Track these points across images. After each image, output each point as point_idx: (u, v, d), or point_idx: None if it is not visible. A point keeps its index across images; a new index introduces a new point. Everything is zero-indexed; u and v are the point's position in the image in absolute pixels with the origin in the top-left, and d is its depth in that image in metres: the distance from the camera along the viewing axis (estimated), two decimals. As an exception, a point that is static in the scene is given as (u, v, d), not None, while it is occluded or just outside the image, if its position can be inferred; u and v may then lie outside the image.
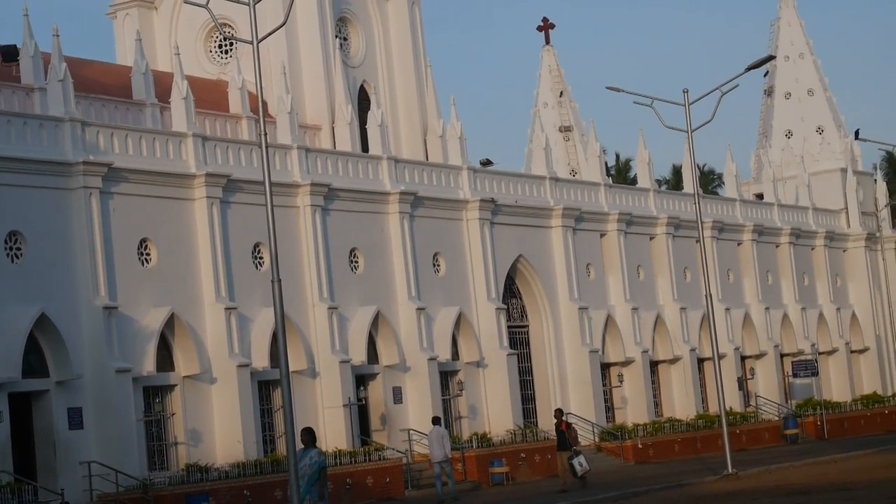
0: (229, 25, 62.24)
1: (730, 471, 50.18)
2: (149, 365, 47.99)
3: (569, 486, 47.90)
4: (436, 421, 54.46)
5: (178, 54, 58.06)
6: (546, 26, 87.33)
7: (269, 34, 37.24)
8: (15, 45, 54.55)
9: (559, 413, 51.16)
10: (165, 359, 49.12)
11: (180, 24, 65.99)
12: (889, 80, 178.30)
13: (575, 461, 47.30)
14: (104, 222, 47.27)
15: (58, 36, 50.77)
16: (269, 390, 51.39)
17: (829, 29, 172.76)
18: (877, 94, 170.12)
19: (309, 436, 32.66)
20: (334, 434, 52.79)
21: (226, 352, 50.10)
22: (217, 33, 65.03)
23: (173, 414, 49.42)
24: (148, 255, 49.00)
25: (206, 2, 40.02)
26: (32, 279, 45.28)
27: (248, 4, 36.74)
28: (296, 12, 54.63)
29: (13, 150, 45.22)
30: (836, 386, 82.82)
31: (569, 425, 50.12)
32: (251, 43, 36.33)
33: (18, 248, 45.22)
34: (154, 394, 48.95)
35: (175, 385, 49.45)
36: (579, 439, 50.37)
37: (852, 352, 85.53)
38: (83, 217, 46.87)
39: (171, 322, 48.95)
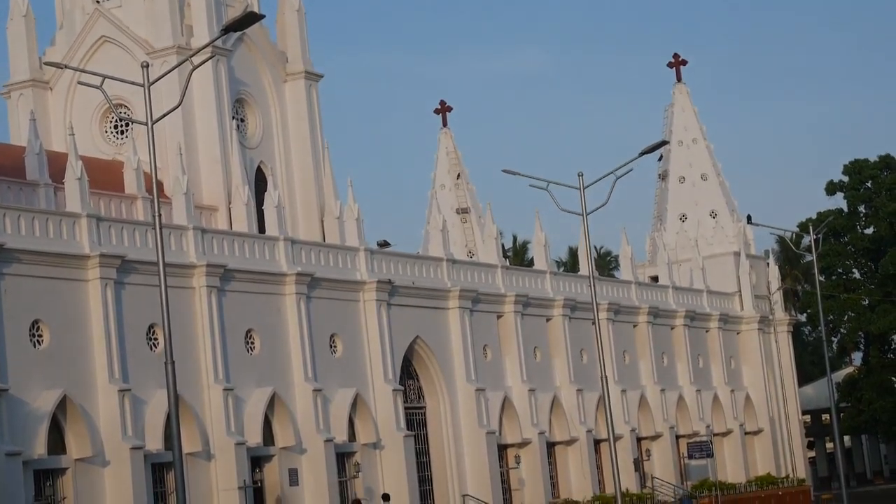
0: (125, 106, 62.29)
1: (625, 553, 50.34)
2: (40, 447, 47.58)
3: None
4: (385, 498, 57.93)
5: (73, 135, 57.82)
6: (443, 109, 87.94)
7: (165, 115, 37.25)
8: None
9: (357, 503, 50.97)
10: (57, 441, 48.71)
11: (75, 105, 65.88)
12: (782, 166, 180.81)
13: None
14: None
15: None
16: (163, 473, 50.99)
17: (723, 115, 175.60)
18: (769, 180, 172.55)
19: None
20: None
21: (119, 434, 49.73)
22: (112, 114, 64.92)
23: (64, 498, 48.93)
24: (40, 336, 48.65)
25: (100, 83, 40.00)
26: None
27: (142, 86, 36.78)
28: (192, 93, 54.74)
29: None
30: (730, 467, 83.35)
31: None
32: (146, 124, 36.37)
33: None
34: (45, 477, 48.46)
35: (67, 468, 49.00)
36: None
37: (746, 433, 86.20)
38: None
39: (62, 404, 48.57)
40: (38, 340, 48.66)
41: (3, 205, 49.94)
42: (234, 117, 67.27)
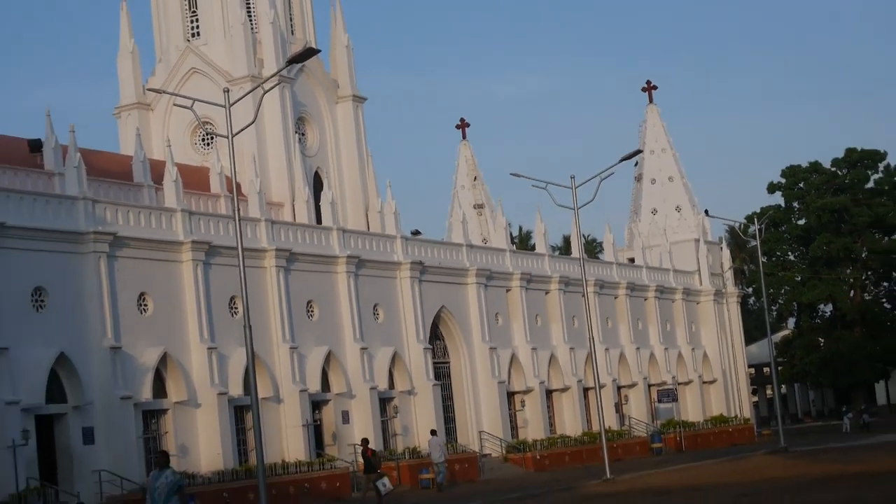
0: (210, 123, 62.08)
1: (608, 476, 50.34)
2: (146, 393, 47.82)
3: (373, 501, 46.12)
4: (433, 433, 56.79)
5: (170, 146, 57.97)
6: (463, 125, 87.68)
7: (241, 130, 37.23)
8: (39, 139, 54.63)
9: (365, 442, 50.24)
10: (159, 388, 48.98)
11: (171, 122, 65.94)
12: (732, 170, 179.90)
13: (379, 483, 46.30)
14: (110, 280, 47.10)
15: (73, 132, 50.88)
16: (242, 413, 51.04)
17: (687, 128, 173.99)
18: (723, 181, 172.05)
19: (163, 458, 32.20)
20: (295, 448, 52.76)
21: (208, 382, 49.92)
22: (200, 130, 64.98)
23: (166, 432, 49.18)
24: (146, 305, 48.85)
25: (191, 104, 40.06)
26: (53, 325, 45.08)
27: (224, 107, 36.84)
28: (263, 113, 54.69)
29: (37, 223, 45.02)
30: (691, 409, 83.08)
31: (374, 452, 48.99)
32: (227, 137, 36.40)
33: (42, 301, 44.99)
34: (151, 416, 48.74)
35: (167, 409, 49.23)
36: (378, 465, 49.19)
37: (704, 383, 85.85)
38: (94, 276, 46.71)
39: (164, 359, 48.77)
40: (144, 309, 48.80)
41: (116, 202, 50.18)
42: (296, 132, 67.26)
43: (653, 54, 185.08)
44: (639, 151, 72.78)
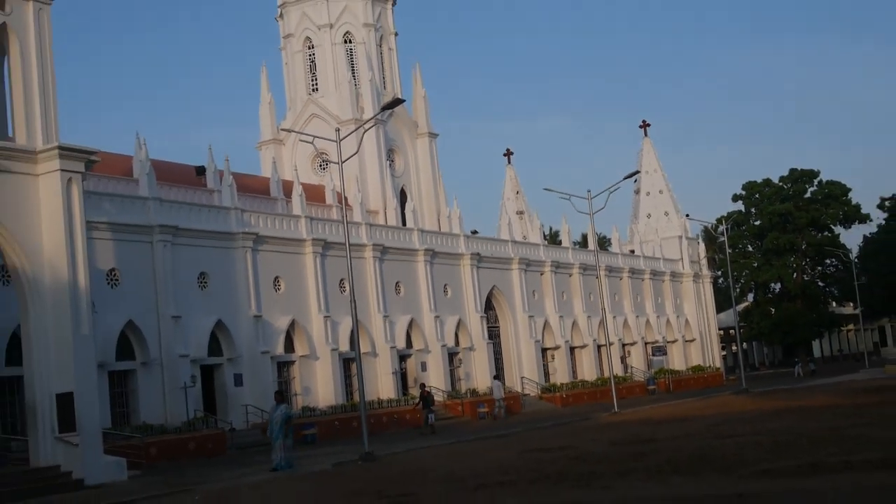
0: (325, 153, 62.57)
1: (616, 410, 50.21)
2: (279, 348, 48.37)
3: (425, 432, 45.71)
4: (496, 377, 57.73)
5: (296, 171, 58.59)
6: (508, 153, 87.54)
7: (348, 159, 37.32)
8: (203, 166, 55.25)
9: (422, 385, 50.50)
10: (289, 345, 49.31)
11: (298, 153, 66.26)
12: (706, 184, 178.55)
13: (430, 416, 46.62)
14: (254, 267, 47.53)
15: (227, 161, 51.60)
16: (348, 364, 51.21)
17: (673, 153, 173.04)
18: (699, 192, 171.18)
19: (279, 396, 32.49)
20: (386, 389, 53.16)
21: (324, 341, 50.25)
22: (318, 158, 65.29)
23: (293, 378, 49.61)
24: (279, 286, 49.17)
25: (312, 140, 40.15)
26: (213, 300, 45.55)
27: (335, 142, 36.91)
28: (363, 146, 54.76)
29: (202, 226, 45.62)
30: (676, 361, 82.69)
31: (428, 392, 49.27)
32: (338, 164, 36.44)
33: (205, 282, 45.48)
34: (282, 366, 49.15)
35: (294, 361, 49.63)
36: (431, 402, 48.98)
37: (686, 341, 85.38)
38: (243, 264, 47.17)
39: (292, 324, 49.17)
40: (277, 288, 49.12)
41: (257, 211, 50.49)
42: (387, 159, 67.45)
43: (647, 100, 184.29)
44: (637, 172, 72.62)
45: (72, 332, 31.23)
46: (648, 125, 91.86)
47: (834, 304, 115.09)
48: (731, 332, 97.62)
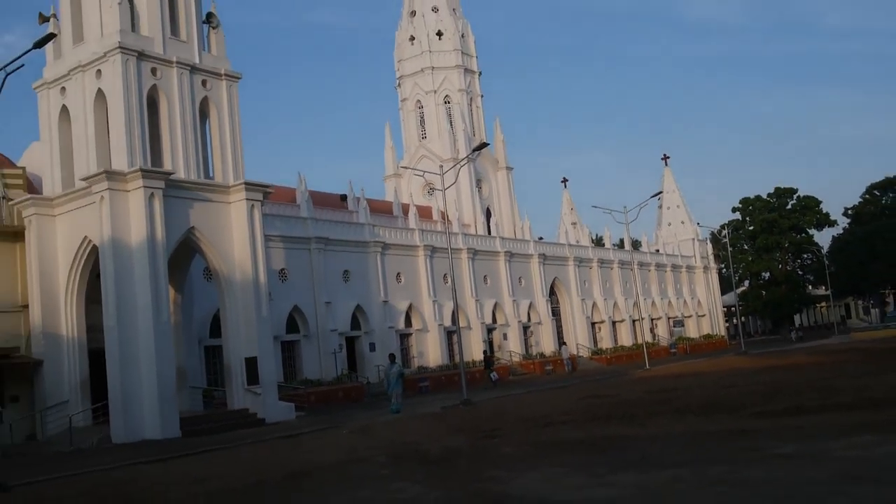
0: (431, 183, 62.71)
1: (647, 367, 49.50)
2: (401, 324, 48.61)
3: (488, 385, 44.61)
4: (562, 343, 58.10)
5: (411, 196, 58.92)
6: (564, 180, 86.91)
7: (448, 187, 37.62)
8: (345, 194, 55.62)
9: (485, 352, 50.14)
10: (408, 322, 49.57)
11: (412, 183, 66.47)
12: (712, 197, 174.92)
13: (492, 374, 46.08)
14: (382, 266, 47.90)
15: (363, 190, 51.86)
16: (451, 335, 51.31)
17: (687, 176, 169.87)
18: (708, 205, 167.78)
19: (392, 357, 32.70)
20: (477, 354, 52.66)
21: (433, 318, 50.41)
22: (427, 187, 65.64)
23: (411, 346, 49.84)
24: (400, 279, 49.49)
25: (423, 174, 40.31)
26: (354, 289, 46.05)
27: (439, 175, 37.06)
28: (460, 178, 55.07)
29: (345, 237, 46.05)
30: (691, 331, 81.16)
31: (490, 356, 49.22)
32: (442, 191, 36.57)
33: (347, 277, 45.95)
34: (403, 337, 49.36)
35: (411, 333, 49.84)
36: (492, 364, 48.33)
37: (698, 316, 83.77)
38: (374, 264, 47.59)
39: (410, 307, 49.43)
40: (399, 280, 49.36)
41: (384, 225, 50.77)
42: (476, 187, 67.45)
43: (667, 137, 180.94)
44: (660, 192, 71.37)
45: (255, 314, 31.94)
46: (668, 157, 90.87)
47: (810, 287, 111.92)
48: (733, 308, 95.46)
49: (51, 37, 21.21)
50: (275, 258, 41.23)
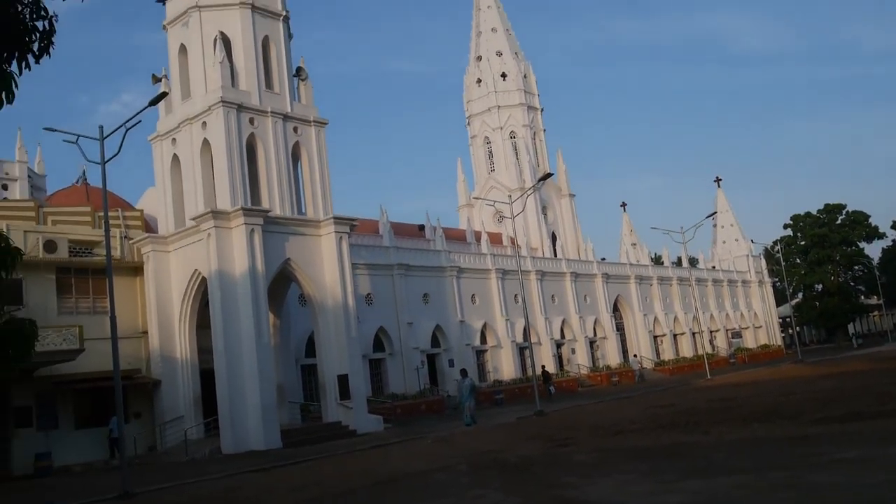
0: (501, 212, 62.58)
1: (709, 377, 48.13)
2: (476, 341, 48.29)
3: (547, 398, 43.64)
4: (635, 356, 56.90)
5: (483, 223, 58.84)
6: (623, 204, 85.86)
7: (516, 215, 37.46)
8: (423, 224, 55.79)
9: (543, 367, 48.96)
10: (483, 339, 49.28)
11: (483, 212, 66.47)
12: (764, 215, 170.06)
13: (550, 388, 45.06)
14: (458, 288, 47.80)
15: (438, 220, 51.92)
16: (522, 351, 50.88)
17: (739, 196, 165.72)
18: (761, 223, 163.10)
19: (464, 372, 32.12)
20: (549, 367, 51.98)
21: (506, 336, 50.02)
22: (497, 214, 65.49)
23: (487, 361, 49.49)
24: (475, 300, 49.31)
25: (493, 203, 40.12)
26: (433, 310, 46.03)
27: (508, 204, 36.92)
28: (526, 205, 54.83)
29: (423, 263, 46.12)
30: (749, 341, 78.82)
31: (548, 372, 47.90)
32: (511, 218, 36.40)
33: (427, 299, 45.97)
34: (479, 353, 49.07)
35: (487, 349, 49.51)
36: (550, 378, 47.21)
37: (755, 327, 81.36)
38: (451, 287, 47.53)
39: (484, 325, 49.13)
40: (474, 301, 49.10)
41: (458, 251, 50.74)
42: (542, 213, 67.00)
43: (718, 160, 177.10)
44: (714, 213, 69.66)
45: (345, 335, 32.22)
46: (720, 179, 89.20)
47: (862, 297, 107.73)
48: (788, 319, 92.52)
49: (163, 95, 21.95)
50: (361, 284, 41.61)
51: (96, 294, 31.41)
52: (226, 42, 32.96)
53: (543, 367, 49.49)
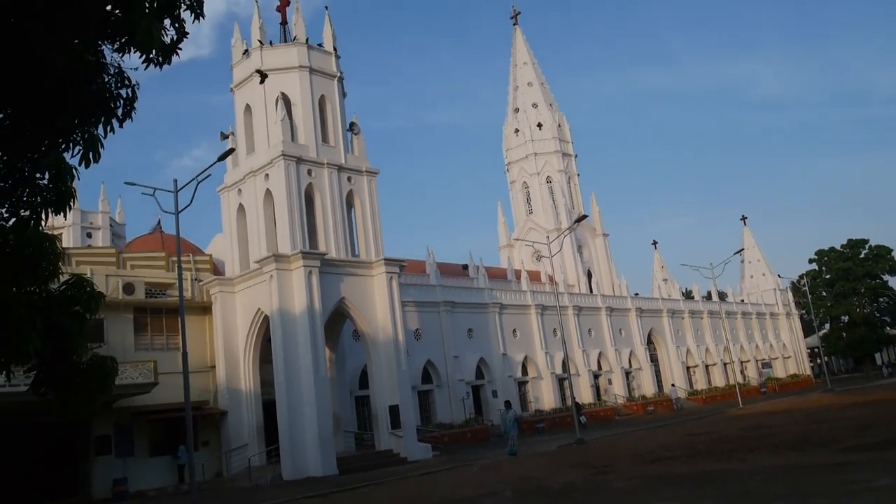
0: (539, 251, 62.27)
1: (741, 405, 46.80)
2: (518, 373, 47.75)
3: (579, 428, 43.47)
4: (673, 385, 55.62)
5: (522, 262, 58.39)
6: (654, 242, 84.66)
7: (554, 255, 37.20)
8: (466, 264, 55.47)
9: (573, 398, 47.87)
10: (524, 371, 48.70)
11: (522, 251, 65.91)
12: (790, 251, 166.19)
13: (581, 418, 43.64)
14: (500, 324, 47.44)
15: (481, 260, 51.67)
16: (561, 382, 50.12)
17: (765, 232, 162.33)
18: (786, 257, 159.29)
19: (507, 404, 31.49)
20: (586, 396, 51.29)
21: (546, 367, 49.35)
22: (535, 253, 65.12)
23: (528, 391, 48.83)
24: (516, 334, 48.87)
25: (532, 244, 39.82)
26: (477, 344, 45.69)
27: (546, 244, 36.71)
28: (563, 245, 54.43)
29: (467, 300, 45.87)
30: (778, 371, 76.64)
31: (579, 404, 45.85)
32: (549, 258, 36.15)
33: (472, 334, 45.71)
34: (521, 384, 48.43)
35: (528, 380, 48.87)
36: (581, 409, 45.97)
37: (784, 358, 79.13)
38: (493, 322, 47.17)
39: (525, 358, 48.57)
40: (515, 335, 48.61)
41: (500, 289, 50.30)
42: (577, 252, 66.41)
43: (743, 199, 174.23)
44: (741, 249, 68.65)
45: (396, 368, 32.15)
46: (746, 217, 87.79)
47: (888, 328, 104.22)
48: (816, 349, 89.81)
49: (231, 151, 22.49)
50: (410, 320, 41.61)
51: (169, 332, 31.93)
52: (286, 101, 33.73)
53: (573, 397, 48.58)
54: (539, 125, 70.16)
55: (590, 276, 66.18)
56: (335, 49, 35.70)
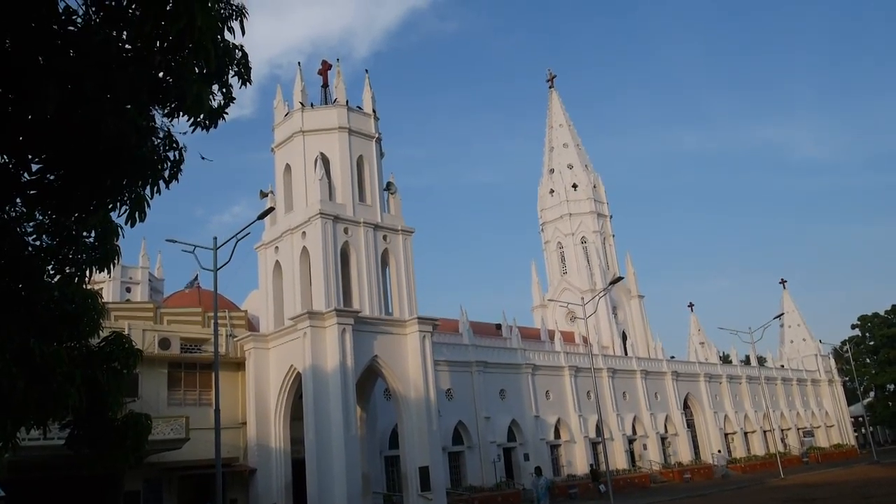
0: (573, 312, 61.64)
1: (782, 476, 45.18)
2: (550, 436, 46.76)
3: (596, 496, 41.29)
4: (719, 451, 54.11)
5: (556, 323, 57.73)
6: (691, 304, 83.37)
7: (589, 316, 36.82)
8: (500, 324, 55.13)
9: (591, 466, 45.92)
10: (557, 434, 47.69)
11: (556, 311, 65.52)
12: (832, 317, 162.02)
13: (600, 486, 42.03)
14: (533, 385, 46.78)
15: (515, 320, 51.41)
16: (595, 445, 48.93)
17: (807, 296, 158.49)
18: (827, 323, 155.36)
19: (538, 470, 30.52)
20: (620, 461, 49.86)
21: (579, 431, 48.26)
22: (570, 314, 64.50)
23: (561, 455, 47.72)
24: (549, 395, 48.06)
25: (566, 305, 39.48)
26: (509, 406, 45.00)
27: (581, 305, 36.37)
28: (598, 306, 53.84)
29: (501, 360, 45.45)
30: (821, 440, 73.98)
31: (597, 471, 44.75)
32: (583, 319, 35.81)
33: (504, 394, 45.12)
34: (553, 447, 47.38)
35: (561, 444, 47.79)
36: (600, 477, 44.33)
37: (827, 426, 76.53)
38: (526, 383, 46.56)
39: (558, 421, 47.60)
40: (548, 397, 47.81)
41: (533, 349, 49.69)
42: (612, 313, 65.61)
43: (783, 262, 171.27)
44: (781, 314, 67.23)
45: (427, 428, 31.77)
46: (785, 281, 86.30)
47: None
48: (860, 419, 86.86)
49: (270, 210, 22.91)
50: (442, 379, 41.25)
51: (202, 387, 32.05)
52: (325, 161, 34.41)
53: (591, 464, 47.09)
54: (574, 186, 70.40)
55: (625, 338, 65.28)
56: (374, 111, 36.50)
